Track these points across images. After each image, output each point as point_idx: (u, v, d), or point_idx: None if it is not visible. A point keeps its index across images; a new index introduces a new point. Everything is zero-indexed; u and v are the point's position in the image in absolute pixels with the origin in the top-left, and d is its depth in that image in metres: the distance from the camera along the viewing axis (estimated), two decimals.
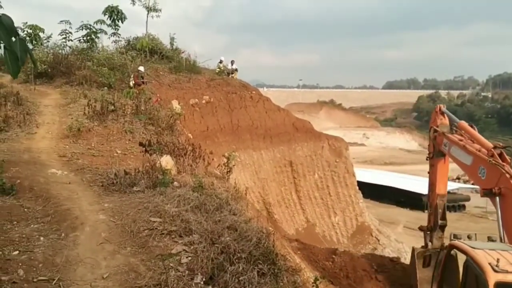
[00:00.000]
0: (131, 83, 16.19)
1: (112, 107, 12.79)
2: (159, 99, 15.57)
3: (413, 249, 13.00)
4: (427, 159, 12.66)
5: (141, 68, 17.23)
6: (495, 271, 5.94)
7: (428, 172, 12.77)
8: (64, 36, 19.66)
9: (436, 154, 11.94)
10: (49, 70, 17.96)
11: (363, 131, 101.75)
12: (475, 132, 10.05)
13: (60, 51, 19.60)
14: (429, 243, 12.26)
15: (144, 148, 9.87)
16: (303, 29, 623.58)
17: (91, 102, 12.72)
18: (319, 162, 25.83)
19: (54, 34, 20.38)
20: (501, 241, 7.82)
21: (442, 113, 11.78)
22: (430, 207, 12.58)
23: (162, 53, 21.85)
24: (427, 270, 11.95)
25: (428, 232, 12.42)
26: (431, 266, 11.86)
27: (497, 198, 8.16)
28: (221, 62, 25.22)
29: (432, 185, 12.50)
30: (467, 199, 43.60)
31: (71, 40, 19.92)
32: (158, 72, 20.50)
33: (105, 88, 15.54)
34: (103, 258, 5.55)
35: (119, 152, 10.54)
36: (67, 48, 19.91)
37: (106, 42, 30.43)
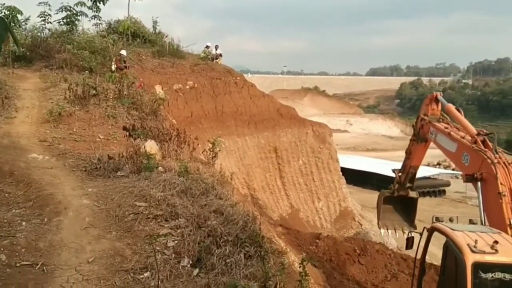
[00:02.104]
0: (113, 67, 15.84)
1: (94, 91, 12.50)
2: (142, 84, 15.30)
3: (380, 193, 14.06)
4: (412, 126, 12.83)
5: (123, 52, 16.86)
6: (473, 251, 6.09)
7: (410, 140, 12.99)
8: (43, 18, 18.99)
9: (420, 139, 12.11)
10: (28, 53, 17.40)
11: (346, 118, 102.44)
12: (461, 116, 10.18)
13: (39, 34, 18.97)
14: (396, 192, 13.29)
15: (127, 133, 9.73)
16: (288, 15, 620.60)
17: (72, 86, 12.38)
18: (303, 148, 25.94)
19: (32, 16, 19.72)
20: (482, 224, 8.02)
21: (437, 101, 11.73)
22: (403, 167, 13.18)
23: (145, 37, 21.37)
24: (390, 209, 13.33)
25: (397, 184, 13.21)
26: (393, 205, 13.36)
27: (479, 183, 8.35)
28: (207, 47, 24.87)
29: (409, 153, 12.85)
30: (447, 184, 44.61)
31: (50, 23, 19.27)
32: (140, 57, 20.11)
33: (86, 72, 15.17)
34: (87, 242, 5.48)
35: (101, 137, 10.35)
36: (46, 31, 19.29)
37: (86, 25, 29.70)
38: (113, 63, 16.13)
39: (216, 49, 25.22)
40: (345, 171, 29.72)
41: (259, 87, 27.38)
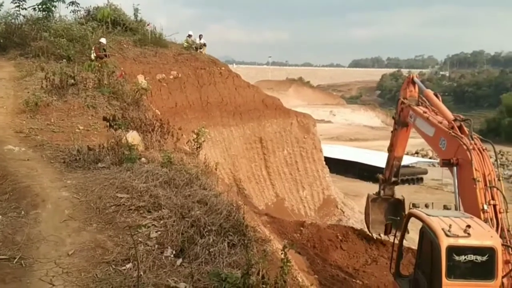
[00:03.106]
0: (93, 56, 15.44)
1: (72, 80, 12.15)
2: (123, 73, 14.98)
3: (368, 195, 14.37)
4: (393, 118, 13.01)
5: (103, 40, 16.44)
6: (447, 235, 6.32)
7: (391, 132, 13.25)
8: (17, 4, 18.25)
9: (400, 124, 12.28)
10: (2, 41, 16.78)
11: (330, 109, 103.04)
12: (439, 102, 10.31)
13: (13, 20, 18.27)
14: (382, 191, 13.70)
15: (108, 123, 9.50)
16: (271, 5, 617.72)
17: (49, 75, 12.00)
18: (288, 139, 25.98)
19: (6, 2, 18.98)
20: (456, 209, 8.20)
21: (413, 84, 11.91)
22: (387, 163, 13.36)
23: (126, 25, 20.83)
24: (379, 213, 13.71)
25: (383, 184, 13.62)
26: (381, 209, 13.85)
27: (455, 168, 8.50)
28: (189, 36, 24.45)
29: (392, 146, 13.09)
30: (425, 172, 45.50)
31: (25, 9, 18.53)
32: (121, 45, 19.66)
33: (64, 60, 14.74)
34: (67, 235, 5.35)
35: (81, 128, 10.11)
36: (21, 17, 18.57)
37: (64, 11, 28.89)
38: (92, 51, 15.71)
39: (200, 39, 24.86)
40: (329, 161, 30.00)
41: (244, 78, 27.22)
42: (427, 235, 6.89)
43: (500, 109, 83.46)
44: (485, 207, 7.63)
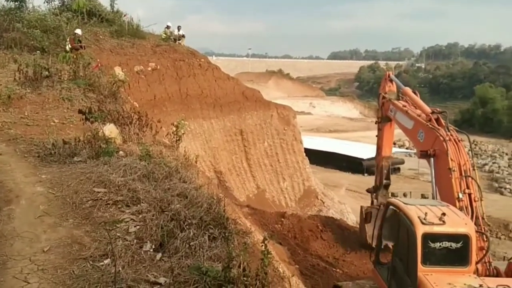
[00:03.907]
0: (68, 47, 15.05)
1: (47, 72, 11.79)
2: (99, 65, 14.65)
3: (361, 208, 13.95)
4: (376, 123, 13.19)
5: (78, 31, 16.02)
6: (423, 223, 6.48)
7: (376, 136, 13.37)
8: None
9: (383, 119, 12.48)
10: None
11: (309, 100, 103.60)
12: (417, 98, 10.62)
13: None
14: (375, 201, 13.11)
15: (84, 116, 9.27)
16: None
17: (22, 67, 11.62)
18: (268, 131, 26.02)
19: None
20: (433, 198, 8.42)
21: (391, 80, 12.25)
22: (376, 168, 13.32)
23: (102, 16, 20.36)
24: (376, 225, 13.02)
25: (374, 193, 13.17)
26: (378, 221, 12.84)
27: (432, 159, 8.72)
28: (168, 27, 24.07)
29: (378, 148, 13.18)
30: (402, 162, 46.45)
31: None
32: (97, 36, 19.21)
33: (38, 52, 14.28)
34: (42, 231, 5.20)
35: (56, 121, 9.82)
36: None
37: (37, 1, 28.01)
38: (67, 42, 15.31)
39: (179, 30, 24.52)
40: (309, 152, 30.21)
41: (224, 70, 27.05)
42: (404, 224, 7.05)
43: (474, 100, 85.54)
44: (460, 195, 7.85)
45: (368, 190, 13.92)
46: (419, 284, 6.33)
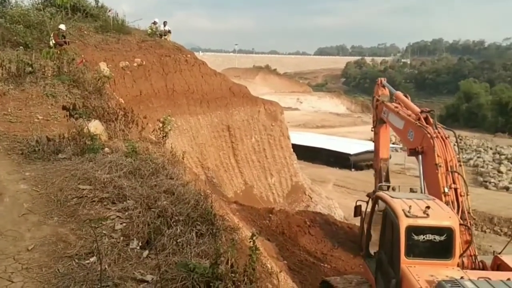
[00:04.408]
0: (51, 43, 14.80)
1: (30, 68, 11.59)
2: (84, 60, 14.44)
3: (360, 206, 13.99)
4: (372, 130, 13.44)
5: (62, 27, 15.77)
6: (407, 216, 6.58)
7: (373, 140, 13.62)
8: None
9: (378, 122, 12.75)
10: None
11: (296, 96, 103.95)
12: (408, 100, 11.04)
13: None
14: (376, 206, 13.19)
15: (68, 113, 9.13)
16: None
17: (5, 63, 11.41)
18: (255, 126, 26.01)
19: None
20: (421, 192, 8.57)
21: (383, 86, 12.69)
22: (375, 171, 13.51)
23: (86, 11, 20.07)
24: (377, 230, 13.15)
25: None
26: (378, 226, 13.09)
27: (420, 156, 8.90)
28: (154, 23, 23.84)
29: (376, 151, 13.39)
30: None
31: None
32: (82, 32, 18.92)
33: (21, 48, 14.05)
34: (26, 229, 5.12)
35: (40, 117, 9.66)
36: None
37: None
38: (51, 38, 15.06)
39: (165, 25, 24.29)
40: (296, 148, 30.32)
41: (210, 65, 26.91)
42: (389, 217, 7.15)
43: (459, 95, 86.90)
44: (446, 190, 8.00)
45: (368, 195, 14.02)
46: (402, 276, 6.43)
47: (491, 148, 58.70)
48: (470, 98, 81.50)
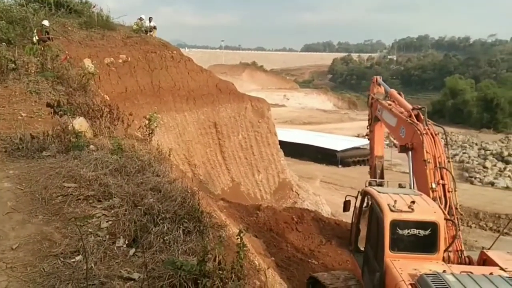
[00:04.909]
0: (35, 39, 14.55)
1: (13, 65, 11.37)
2: (68, 57, 14.24)
3: (355, 208, 14.13)
4: (367, 128, 13.56)
5: (46, 23, 15.51)
6: (392, 210, 6.66)
7: (368, 138, 13.73)
8: None
9: (373, 120, 12.89)
10: None
11: (283, 93, 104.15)
12: (401, 98, 11.19)
13: None
14: (370, 202, 13.41)
15: (52, 110, 8.99)
16: None
17: None
18: (242, 123, 26.01)
19: None
20: (410, 188, 8.67)
21: (379, 84, 12.82)
22: (370, 167, 13.65)
23: (70, 7, 19.77)
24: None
25: None
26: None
27: (410, 152, 9.00)
28: (140, 19, 23.62)
29: (371, 149, 13.52)
30: None
31: None
32: (66, 28, 18.65)
33: (4, 44, 13.77)
34: (11, 228, 5.04)
35: (24, 115, 9.50)
36: None
37: None
38: (34, 34, 14.79)
39: (150, 21, 24.11)
40: (283, 144, 30.43)
41: (197, 62, 26.80)
42: (375, 211, 7.23)
43: (444, 91, 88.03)
44: (434, 186, 8.10)
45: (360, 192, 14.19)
46: (386, 269, 6.50)
47: (476, 144, 59.70)
48: (456, 94, 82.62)
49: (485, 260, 7.19)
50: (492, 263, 6.86)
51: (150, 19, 24.17)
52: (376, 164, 13.18)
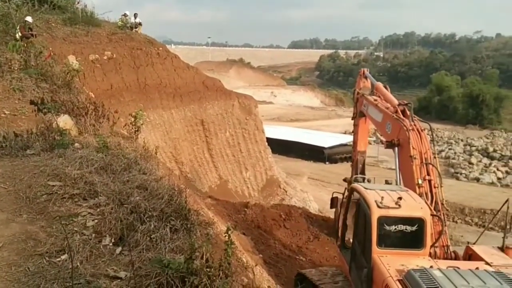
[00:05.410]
0: (18, 36, 14.27)
1: None
2: (52, 54, 14.02)
3: (337, 199, 14.26)
4: (352, 119, 13.55)
5: (29, 19, 15.19)
6: (379, 207, 6.70)
7: (352, 132, 13.73)
8: None
9: (358, 115, 12.86)
10: None
11: (271, 90, 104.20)
12: (387, 92, 11.08)
13: None
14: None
15: (36, 107, 8.86)
16: None
17: None
18: (230, 120, 25.95)
19: None
20: (396, 184, 8.73)
21: (365, 77, 12.66)
22: (352, 161, 13.69)
23: (53, 3, 19.43)
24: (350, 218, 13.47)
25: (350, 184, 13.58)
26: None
27: (396, 148, 9.05)
28: (125, 15, 23.34)
29: (354, 143, 13.53)
30: None
31: None
32: (49, 24, 18.34)
33: None
34: None
35: (7, 112, 9.35)
36: None
37: None
38: (17, 30, 14.52)
39: (135, 18, 23.84)
40: (271, 141, 30.49)
41: (183, 59, 26.61)
42: (362, 208, 7.28)
43: (430, 88, 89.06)
44: (420, 182, 8.16)
45: (344, 180, 14.28)
46: (373, 265, 6.56)
47: (462, 140, 60.56)
48: (442, 90, 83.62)
49: (470, 255, 7.28)
50: (478, 258, 6.95)
51: (135, 15, 23.91)
52: (358, 158, 13.27)
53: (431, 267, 5.96)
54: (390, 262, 6.35)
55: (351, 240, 8.55)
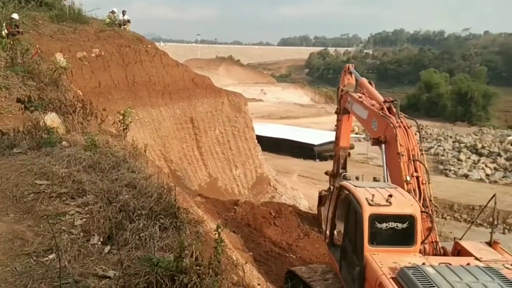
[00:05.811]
0: (4, 33, 14.09)
1: None
2: (38, 51, 13.84)
3: (319, 193, 14.37)
4: (335, 113, 13.58)
5: (15, 16, 15.00)
6: (370, 204, 6.74)
7: (335, 126, 13.77)
8: None
9: (342, 111, 12.86)
10: None
11: (260, 87, 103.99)
12: (372, 88, 11.11)
13: None
14: (331, 187, 13.37)
15: (23, 105, 8.76)
16: None
17: None
18: (219, 118, 25.87)
19: None
20: (384, 181, 8.80)
21: (350, 73, 12.65)
22: (334, 156, 13.76)
23: (40, 0, 19.24)
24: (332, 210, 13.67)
25: (332, 178, 13.66)
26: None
27: (383, 145, 9.11)
28: (113, 12, 23.10)
29: (337, 139, 13.58)
30: (352, 147, 48.30)
31: None
32: (36, 21, 18.09)
33: None
34: None
35: None
36: None
37: None
38: (3, 28, 14.32)
39: (124, 15, 23.61)
40: (261, 139, 30.45)
41: (172, 56, 26.43)
42: (353, 205, 7.31)
43: (419, 85, 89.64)
44: (408, 178, 8.23)
45: (326, 173, 14.37)
46: (365, 263, 6.59)
47: (451, 137, 61.06)
48: (431, 88, 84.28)
49: (459, 251, 7.35)
50: (467, 253, 7.02)
51: (123, 13, 23.68)
52: (340, 154, 13.37)
53: (423, 263, 6.01)
54: (382, 260, 6.38)
55: (339, 237, 8.60)
